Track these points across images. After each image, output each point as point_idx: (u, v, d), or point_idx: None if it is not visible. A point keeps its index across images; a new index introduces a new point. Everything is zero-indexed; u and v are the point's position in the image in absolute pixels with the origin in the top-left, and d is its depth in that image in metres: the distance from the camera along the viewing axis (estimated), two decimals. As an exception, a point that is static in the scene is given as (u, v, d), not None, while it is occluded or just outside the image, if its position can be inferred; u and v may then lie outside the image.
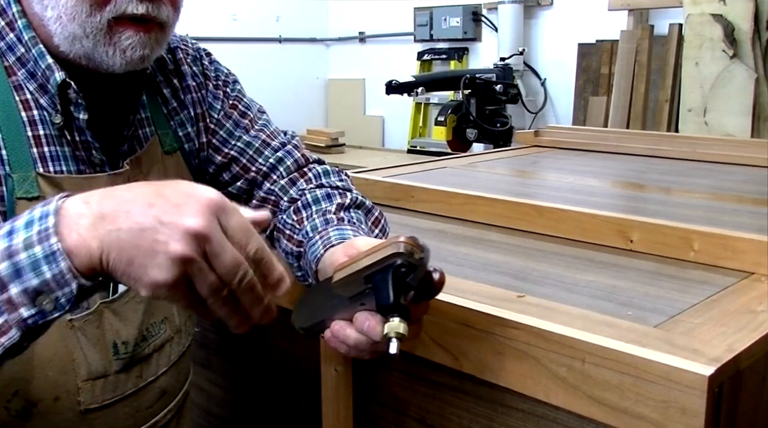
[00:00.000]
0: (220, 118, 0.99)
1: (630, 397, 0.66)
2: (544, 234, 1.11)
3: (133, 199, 0.57)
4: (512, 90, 3.32)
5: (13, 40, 0.80)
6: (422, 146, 3.89)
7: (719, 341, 0.69)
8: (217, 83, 1.00)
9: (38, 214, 0.57)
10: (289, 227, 0.92)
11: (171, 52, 0.96)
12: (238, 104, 1.01)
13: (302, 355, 1.00)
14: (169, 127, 0.94)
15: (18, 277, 0.56)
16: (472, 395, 0.80)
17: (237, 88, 1.02)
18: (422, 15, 4.47)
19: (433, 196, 1.27)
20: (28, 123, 0.80)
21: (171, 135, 0.94)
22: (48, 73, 0.79)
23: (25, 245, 0.56)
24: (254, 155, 0.99)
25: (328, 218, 0.88)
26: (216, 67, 1.02)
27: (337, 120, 5.10)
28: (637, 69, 3.46)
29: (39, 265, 0.56)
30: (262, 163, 0.98)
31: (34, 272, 0.55)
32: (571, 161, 1.82)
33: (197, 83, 0.98)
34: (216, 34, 4.54)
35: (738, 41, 3.00)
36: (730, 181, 1.52)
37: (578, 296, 0.84)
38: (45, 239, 0.56)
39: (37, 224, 0.56)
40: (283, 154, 0.99)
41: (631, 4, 3.53)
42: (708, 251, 0.96)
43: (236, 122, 0.99)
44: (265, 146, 0.99)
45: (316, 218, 0.89)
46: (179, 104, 0.95)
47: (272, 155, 0.99)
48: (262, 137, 0.99)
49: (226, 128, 0.99)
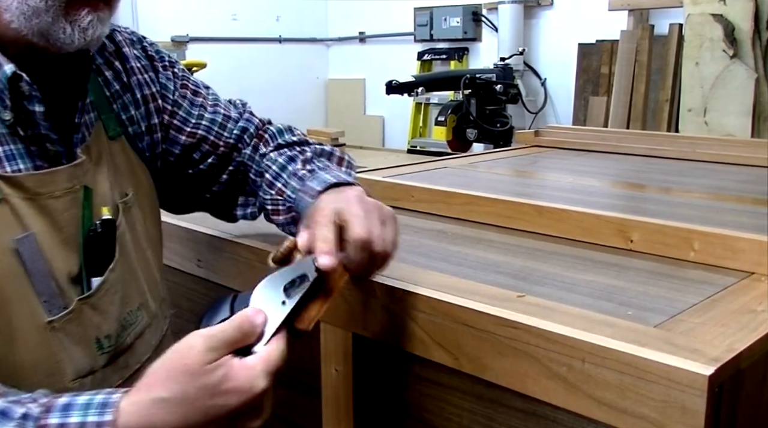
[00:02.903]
0: (176, 98, 1.00)
1: (630, 397, 0.66)
2: (544, 234, 1.11)
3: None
4: (512, 90, 3.32)
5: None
6: (422, 146, 3.89)
7: (719, 341, 0.69)
8: (164, 65, 1.00)
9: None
10: (270, 202, 0.98)
11: (109, 36, 0.94)
12: (188, 83, 1.02)
13: (302, 355, 1.00)
14: (112, 110, 0.92)
15: None
16: (472, 395, 0.80)
17: (181, 67, 1.04)
18: (422, 15, 4.48)
19: (433, 196, 1.27)
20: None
21: (114, 119, 0.91)
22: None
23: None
24: (220, 131, 1.01)
25: (300, 175, 0.94)
26: (157, 49, 1.02)
27: (337, 120, 5.11)
28: (637, 69, 3.46)
29: None
30: (227, 136, 1.01)
31: None
32: (571, 161, 1.82)
33: (142, 65, 0.96)
34: (216, 34, 4.54)
35: (738, 41, 3.00)
36: (730, 181, 1.52)
37: (578, 296, 0.84)
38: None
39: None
40: (244, 123, 1.03)
41: (631, 4, 3.53)
42: (708, 251, 0.96)
43: (191, 102, 1.01)
44: (227, 120, 1.02)
45: (290, 182, 0.95)
46: (122, 87, 0.93)
47: (235, 127, 1.02)
48: (221, 111, 1.02)
49: (183, 108, 1.00)
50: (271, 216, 0.99)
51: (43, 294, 0.77)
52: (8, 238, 0.74)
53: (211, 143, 1.00)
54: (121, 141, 0.92)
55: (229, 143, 1.01)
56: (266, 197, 0.98)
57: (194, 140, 1.00)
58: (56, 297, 0.78)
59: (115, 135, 0.90)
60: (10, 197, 0.76)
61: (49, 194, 0.78)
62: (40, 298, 0.77)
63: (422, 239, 1.11)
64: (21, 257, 0.75)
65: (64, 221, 0.80)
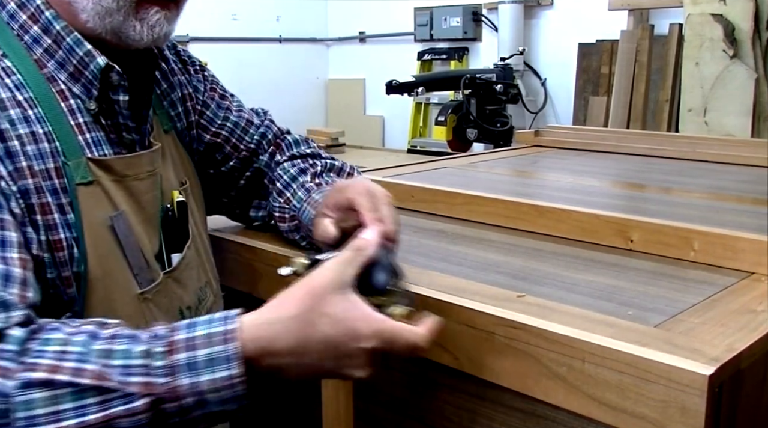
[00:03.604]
0: (205, 99, 1.05)
1: (630, 397, 0.66)
2: (544, 234, 1.11)
3: (303, 355, 0.67)
4: (512, 90, 3.32)
5: (38, 32, 0.81)
6: (422, 146, 3.88)
7: (719, 341, 0.69)
8: (195, 68, 1.06)
9: (219, 354, 0.64)
10: (278, 210, 1.04)
11: None
12: (216, 88, 1.08)
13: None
14: (162, 107, 0.98)
15: (202, 407, 0.64)
16: (472, 395, 0.80)
17: (210, 73, 1.09)
18: (422, 15, 4.47)
19: (433, 196, 1.27)
20: (68, 113, 0.81)
21: (165, 115, 0.98)
22: (87, 60, 0.81)
23: (214, 388, 0.64)
24: (242, 134, 1.07)
25: (308, 187, 1.01)
26: (189, 54, 1.08)
27: (337, 120, 5.10)
28: (637, 69, 3.46)
29: (225, 403, 0.65)
30: (248, 141, 1.08)
31: (221, 404, 0.64)
32: (571, 161, 1.82)
33: (178, 67, 1.03)
34: (216, 34, 4.54)
35: (738, 41, 3.00)
36: (730, 181, 1.52)
37: (578, 296, 0.84)
38: (232, 386, 0.64)
39: (223, 368, 0.64)
40: (264, 130, 1.10)
41: (631, 4, 3.53)
42: (708, 251, 0.96)
43: (218, 104, 1.07)
44: (250, 125, 1.08)
45: (298, 192, 1.02)
46: (169, 86, 1.00)
47: (256, 132, 1.09)
48: (245, 116, 1.09)
49: (211, 109, 1.06)
50: (277, 222, 1.05)
51: (135, 268, 0.84)
52: (104, 216, 0.81)
53: (232, 145, 1.06)
54: (171, 135, 0.98)
55: (250, 147, 1.07)
56: (275, 204, 1.05)
57: (218, 140, 1.05)
58: (145, 271, 0.85)
59: (168, 129, 0.98)
60: (101, 178, 0.82)
61: (134, 176, 0.85)
62: (133, 271, 0.83)
63: (422, 239, 1.11)
64: (116, 232, 0.82)
65: (146, 201, 0.87)
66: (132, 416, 0.62)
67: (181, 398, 0.63)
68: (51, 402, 0.61)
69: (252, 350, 0.65)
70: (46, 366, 0.62)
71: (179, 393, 0.63)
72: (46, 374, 0.62)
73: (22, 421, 0.61)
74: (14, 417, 0.61)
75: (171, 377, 0.63)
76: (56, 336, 0.65)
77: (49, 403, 0.61)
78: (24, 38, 0.81)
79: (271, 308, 0.68)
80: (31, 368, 0.62)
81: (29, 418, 0.61)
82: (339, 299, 0.67)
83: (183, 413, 0.64)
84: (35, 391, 0.61)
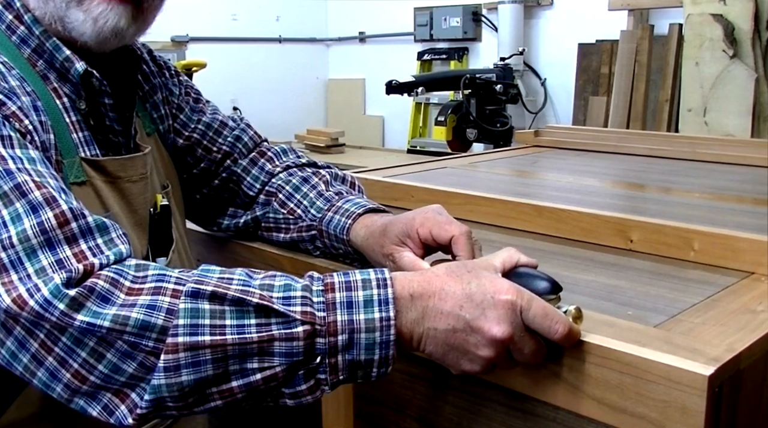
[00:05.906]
0: (180, 103, 1.05)
1: (630, 397, 0.66)
2: (544, 234, 1.11)
3: (446, 299, 0.66)
4: (512, 90, 3.32)
5: (25, 32, 0.82)
6: (422, 146, 3.89)
7: (719, 341, 0.69)
8: (171, 73, 1.06)
9: (376, 297, 0.66)
10: (282, 221, 1.01)
11: None
12: (191, 92, 1.08)
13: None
14: (145, 109, 0.98)
15: (349, 350, 0.65)
16: (471, 395, 0.80)
17: (184, 78, 1.09)
18: (422, 15, 4.47)
19: (433, 196, 1.27)
20: (63, 110, 0.81)
21: (148, 117, 0.98)
22: (67, 65, 0.81)
23: (367, 328, 0.65)
24: (214, 136, 1.06)
25: (327, 196, 0.98)
26: (164, 60, 1.08)
27: (337, 120, 5.11)
28: (637, 69, 3.46)
29: (373, 348, 0.65)
30: (221, 142, 1.05)
31: (367, 351, 0.65)
32: (571, 161, 1.82)
33: (157, 70, 1.03)
34: (216, 34, 4.54)
35: (738, 41, 3.00)
36: (730, 181, 1.52)
37: (578, 296, 0.84)
38: (386, 328, 0.65)
39: (378, 310, 0.65)
40: (239, 132, 1.07)
41: (631, 4, 3.53)
42: (708, 251, 0.96)
43: (192, 108, 1.06)
44: (223, 127, 1.06)
45: (315, 201, 0.98)
46: (151, 88, 0.99)
47: (230, 134, 1.06)
48: (218, 118, 1.07)
49: (185, 113, 1.05)
50: (273, 232, 1.03)
51: None
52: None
53: (204, 147, 1.05)
54: (154, 137, 0.98)
55: (222, 149, 1.05)
56: (276, 216, 1.02)
57: (189, 143, 1.04)
58: None
59: (150, 131, 0.97)
60: (94, 179, 0.82)
61: (127, 178, 0.85)
62: None
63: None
64: None
65: (138, 204, 0.87)
66: (289, 341, 0.63)
67: (334, 334, 0.64)
68: (217, 314, 0.63)
69: (404, 295, 0.67)
70: (215, 282, 0.65)
71: (334, 328, 0.64)
72: (215, 288, 0.64)
73: (182, 328, 0.62)
74: (175, 323, 0.62)
75: (329, 311, 0.65)
76: (215, 268, 0.68)
77: (216, 315, 0.63)
78: (12, 38, 0.81)
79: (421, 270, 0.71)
80: (199, 281, 0.64)
81: (192, 326, 0.62)
82: (488, 273, 0.68)
83: (330, 353, 0.65)
84: (203, 302, 0.63)
